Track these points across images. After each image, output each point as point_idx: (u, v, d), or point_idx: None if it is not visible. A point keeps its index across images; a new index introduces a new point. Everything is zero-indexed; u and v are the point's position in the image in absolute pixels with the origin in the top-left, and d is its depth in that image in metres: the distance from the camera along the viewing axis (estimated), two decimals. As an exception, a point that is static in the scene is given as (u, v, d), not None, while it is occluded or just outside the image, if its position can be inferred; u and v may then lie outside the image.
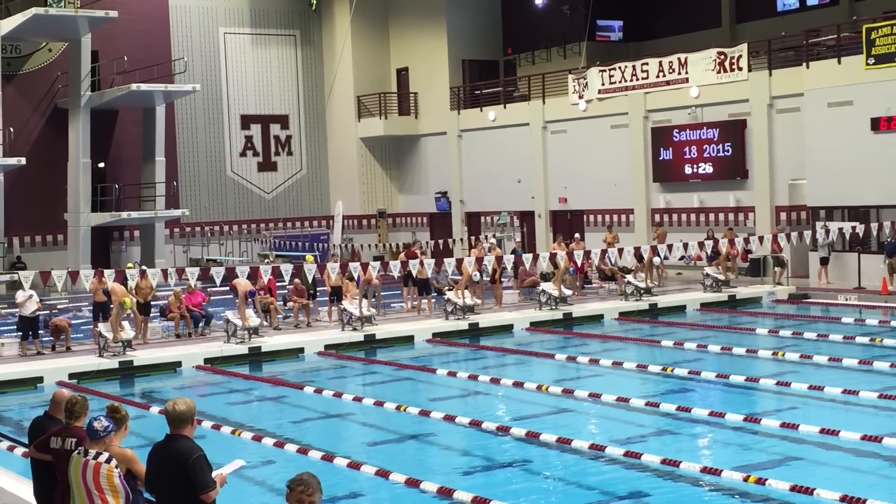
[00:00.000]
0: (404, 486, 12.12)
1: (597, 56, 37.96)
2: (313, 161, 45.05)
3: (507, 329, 24.78)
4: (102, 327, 21.72)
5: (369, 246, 41.98)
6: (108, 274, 21.55)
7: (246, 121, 43.58)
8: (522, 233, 38.59)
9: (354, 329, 23.67)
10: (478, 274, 25.44)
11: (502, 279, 27.75)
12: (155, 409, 16.70)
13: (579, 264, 28.12)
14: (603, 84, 35.58)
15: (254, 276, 23.64)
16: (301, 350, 22.59)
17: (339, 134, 44.67)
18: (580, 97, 36.27)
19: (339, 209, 43.86)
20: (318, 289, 26.09)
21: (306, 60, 44.77)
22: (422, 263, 24.90)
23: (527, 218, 38.91)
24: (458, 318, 24.75)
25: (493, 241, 33.98)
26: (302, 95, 44.76)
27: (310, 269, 23.77)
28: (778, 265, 28.77)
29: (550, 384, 17.59)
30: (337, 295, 24.82)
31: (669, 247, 27.13)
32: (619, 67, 35.13)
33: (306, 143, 44.90)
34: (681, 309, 26.77)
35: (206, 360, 21.53)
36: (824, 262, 28.49)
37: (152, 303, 23.72)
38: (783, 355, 19.46)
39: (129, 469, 7.72)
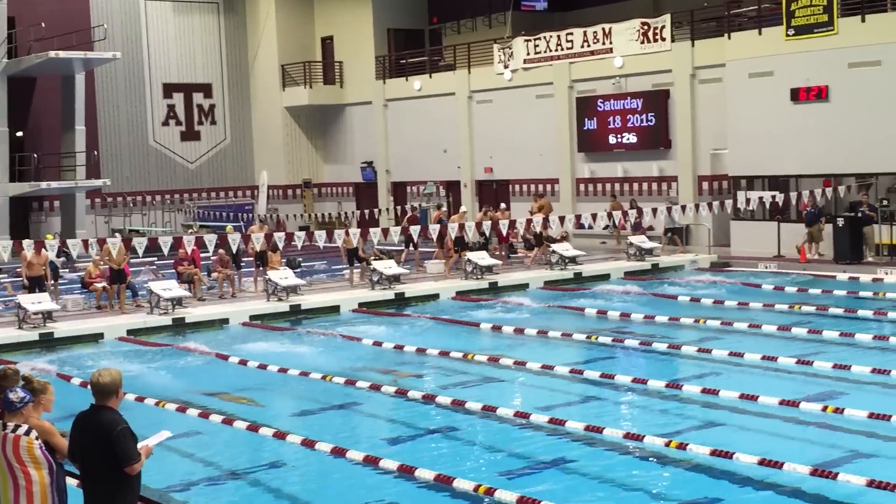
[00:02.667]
0: (330, 456, 12.12)
1: (522, 26, 38.00)
2: (237, 130, 44.59)
3: (433, 298, 24.82)
4: (23, 299, 21.37)
5: (295, 216, 41.76)
6: (27, 245, 21.19)
7: (168, 89, 42.95)
8: (448, 202, 38.63)
9: (280, 299, 23.56)
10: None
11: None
12: (76, 381, 16.51)
13: (504, 234, 28.30)
14: (528, 54, 35.66)
15: (177, 246, 23.39)
16: (226, 321, 22.44)
17: (263, 103, 44.25)
18: (506, 67, 36.32)
19: (263, 179, 43.47)
20: (242, 259, 25.94)
21: (229, 28, 44.20)
22: (347, 233, 24.82)
23: (453, 188, 38.96)
24: (385, 288, 24.74)
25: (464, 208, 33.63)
26: (225, 64, 44.21)
27: (234, 240, 23.60)
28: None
29: (476, 353, 17.68)
30: (262, 260, 24.67)
31: (594, 216, 27.35)
32: (545, 37, 35.23)
33: (230, 113, 44.40)
34: (605, 277, 27.02)
35: (129, 332, 21.30)
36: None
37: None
38: (704, 322, 19.76)
39: (47, 442, 7.61)
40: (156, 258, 29.56)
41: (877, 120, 26.49)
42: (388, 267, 25.23)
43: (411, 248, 28.96)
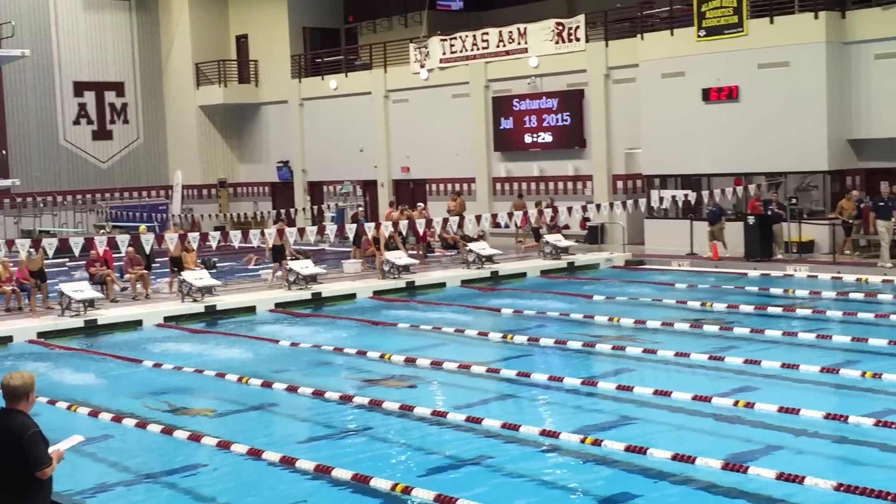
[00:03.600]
0: (246, 457, 12.04)
1: (438, 25, 38.09)
2: (151, 129, 44.01)
3: (350, 298, 24.77)
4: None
5: (210, 216, 41.35)
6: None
7: (79, 88, 42.26)
8: (365, 202, 38.57)
9: (195, 300, 23.30)
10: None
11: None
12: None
13: (421, 233, 28.32)
14: (444, 53, 35.75)
15: (89, 247, 23.02)
16: (139, 322, 22.15)
17: (177, 102, 43.74)
18: (422, 66, 36.37)
19: (178, 179, 43.02)
20: (155, 260, 25.60)
21: (142, 26, 43.61)
22: (263, 234, 24.64)
23: (370, 187, 38.90)
24: (301, 288, 24.62)
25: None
26: (138, 62, 43.62)
27: (147, 240, 23.29)
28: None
29: (393, 353, 17.67)
30: (177, 265, 24.37)
31: (510, 215, 27.53)
32: (460, 37, 35.36)
33: (143, 111, 43.82)
34: (522, 276, 27.20)
35: (40, 334, 20.91)
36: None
37: None
38: (619, 321, 19.98)
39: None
40: (67, 259, 29.05)
41: (785, 120, 27.05)
42: (304, 267, 25.10)
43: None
